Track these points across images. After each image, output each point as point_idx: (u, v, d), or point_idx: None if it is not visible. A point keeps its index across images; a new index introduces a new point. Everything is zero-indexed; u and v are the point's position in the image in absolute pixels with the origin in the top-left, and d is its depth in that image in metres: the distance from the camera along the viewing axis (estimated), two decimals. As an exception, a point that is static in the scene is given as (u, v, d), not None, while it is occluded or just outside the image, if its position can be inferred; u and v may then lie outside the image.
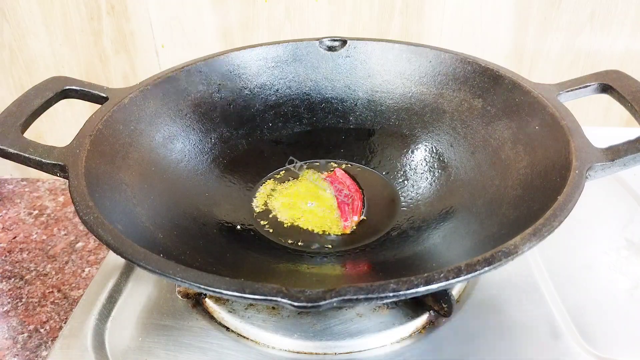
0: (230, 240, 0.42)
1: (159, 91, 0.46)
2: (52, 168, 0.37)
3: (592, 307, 0.40)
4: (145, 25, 0.62)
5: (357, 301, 0.26)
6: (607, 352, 0.36)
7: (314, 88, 0.53)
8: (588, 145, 0.36)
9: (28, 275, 0.54)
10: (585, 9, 0.59)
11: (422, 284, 0.27)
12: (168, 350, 0.37)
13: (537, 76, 0.63)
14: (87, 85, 0.45)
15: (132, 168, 0.41)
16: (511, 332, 0.37)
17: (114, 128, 0.41)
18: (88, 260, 0.56)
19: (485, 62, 0.47)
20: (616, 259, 0.45)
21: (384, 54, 0.51)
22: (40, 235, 0.60)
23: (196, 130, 0.48)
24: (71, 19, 0.62)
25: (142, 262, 0.29)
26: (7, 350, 0.45)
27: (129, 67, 0.65)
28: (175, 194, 0.43)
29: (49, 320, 0.48)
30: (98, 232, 0.31)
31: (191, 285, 0.27)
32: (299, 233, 0.44)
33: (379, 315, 0.38)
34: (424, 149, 0.49)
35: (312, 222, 0.44)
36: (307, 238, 0.43)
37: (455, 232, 0.40)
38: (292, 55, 0.52)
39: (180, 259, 0.35)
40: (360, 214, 0.45)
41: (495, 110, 0.45)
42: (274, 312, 0.39)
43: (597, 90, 0.43)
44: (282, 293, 0.26)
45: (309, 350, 0.37)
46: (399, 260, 0.40)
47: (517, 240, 0.29)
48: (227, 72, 0.51)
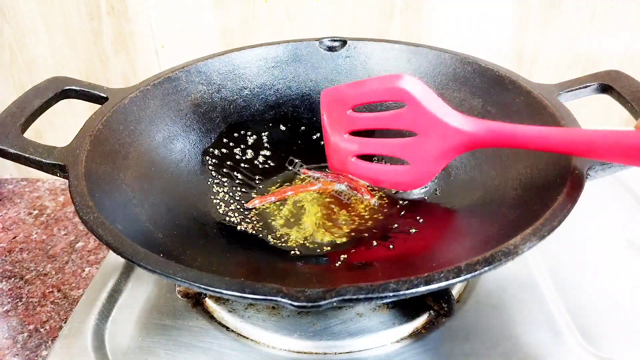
0: (230, 240, 0.42)
1: (159, 91, 0.46)
2: (52, 168, 0.37)
3: (592, 307, 0.40)
4: (145, 25, 0.62)
5: (357, 301, 0.26)
6: (607, 352, 0.36)
7: (314, 88, 0.53)
8: (588, 145, 0.36)
9: (28, 275, 0.54)
10: (585, 9, 0.59)
11: (422, 284, 0.27)
12: (168, 350, 0.37)
13: (537, 76, 0.63)
14: (87, 85, 0.45)
15: (132, 168, 0.41)
16: (511, 332, 0.37)
17: (114, 128, 0.41)
18: (88, 260, 0.56)
19: (485, 62, 0.47)
20: (616, 259, 0.45)
21: (384, 54, 0.51)
22: (40, 235, 0.60)
23: (196, 130, 0.48)
24: (71, 19, 0.62)
25: (142, 262, 0.29)
26: (7, 350, 0.45)
27: (129, 67, 0.65)
28: (175, 194, 0.43)
29: (49, 320, 0.48)
30: (98, 232, 0.31)
31: (191, 285, 0.27)
32: (299, 233, 0.44)
33: (379, 315, 0.38)
34: (424, 149, 0.49)
35: (312, 222, 0.44)
36: (307, 238, 0.43)
37: (455, 232, 0.40)
38: (292, 55, 0.52)
39: (180, 259, 0.35)
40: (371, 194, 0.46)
41: (495, 111, 0.45)
42: (274, 312, 0.39)
43: (597, 90, 0.43)
44: (282, 293, 0.26)
45: (309, 350, 0.37)
46: (399, 260, 0.40)
47: (517, 240, 0.29)
48: (227, 72, 0.51)
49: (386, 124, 0.42)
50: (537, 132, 0.35)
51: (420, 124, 0.40)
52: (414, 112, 0.40)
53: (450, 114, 0.39)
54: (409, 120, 0.40)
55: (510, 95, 0.44)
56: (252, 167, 0.50)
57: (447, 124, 0.38)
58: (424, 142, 0.40)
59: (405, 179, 0.44)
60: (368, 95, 0.42)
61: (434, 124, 0.39)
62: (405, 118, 0.40)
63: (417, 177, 0.43)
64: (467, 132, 0.38)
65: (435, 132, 0.39)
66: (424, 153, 0.41)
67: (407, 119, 0.40)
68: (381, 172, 0.46)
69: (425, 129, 0.40)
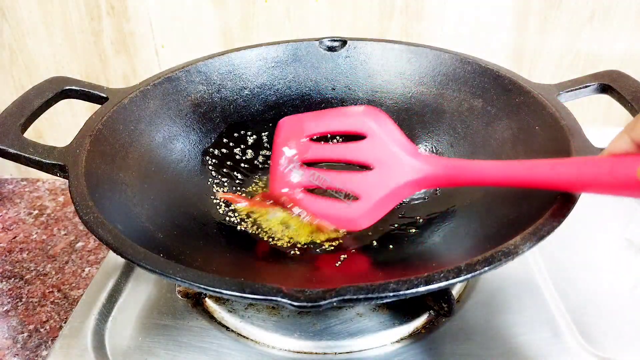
0: (230, 240, 0.42)
1: (159, 91, 0.46)
2: (52, 168, 0.37)
3: (592, 307, 0.40)
4: (145, 25, 0.62)
5: (357, 301, 0.26)
6: (607, 352, 0.36)
7: (314, 88, 0.53)
8: (588, 145, 0.36)
9: (28, 275, 0.54)
10: (585, 9, 0.59)
11: (422, 284, 0.27)
12: (168, 350, 0.37)
13: (537, 76, 0.63)
14: (87, 85, 0.45)
15: (132, 168, 0.41)
16: (511, 332, 0.37)
17: (114, 128, 0.41)
18: (88, 260, 0.56)
19: (485, 62, 0.47)
20: (616, 259, 0.45)
21: (384, 54, 0.51)
22: (40, 235, 0.60)
23: (196, 130, 0.48)
24: (71, 19, 0.62)
25: (142, 262, 0.29)
26: (7, 350, 0.45)
27: (129, 67, 0.65)
28: (175, 194, 0.43)
29: (49, 320, 0.48)
30: (98, 232, 0.31)
31: (191, 285, 0.27)
32: (299, 233, 0.44)
33: (379, 315, 0.38)
34: (424, 149, 0.49)
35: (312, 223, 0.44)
36: (307, 238, 0.43)
37: (455, 232, 0.40)
38: (292, 55, 0.52)
39: (180, 259, 0.35)
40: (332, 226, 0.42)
41: (495, 111, 0.45)
42: (274, 312, 0.39)
43: (597, 91, 0.43)
44: (282, 293, 0.26)
45: (309, 350, 0.37)
46: (399, 260, 0.40)
47: (517, 240, 0.29)
48: (227, 72, 0.51)
49: (343, 154, 0.41)
50: (503, 169, 0.34)
51: (379, 157, 0.39)
52: (373, 145, 0.39)
53: (412, 150, 0.38)
54: (368, 153, 0.39)
55: (510, 95, 0.44)
56: (252, 167, 0.50)
57: (410, 159, 0.38)
58: (380, 177, 0.39)
59: (352, 215, 0.40)
60: (329, 124, 0.41)
61: (394, 158, 0.38)
62: (364, 150, 0.39)
63: (364, 214, 0.40)
64: (426, 168, 0.37)
65: (394, 167, 0.38)
66: (378, 188, 0.39)
67: (366, 152, 0.39)
68: (326, 206, 0.42)
69: (384, 163, 0.39)
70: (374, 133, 0.39)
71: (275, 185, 0.43)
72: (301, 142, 0.42)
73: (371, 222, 0.40)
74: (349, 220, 0.41)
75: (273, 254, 0.41)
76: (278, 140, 0.43)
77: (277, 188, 0.43)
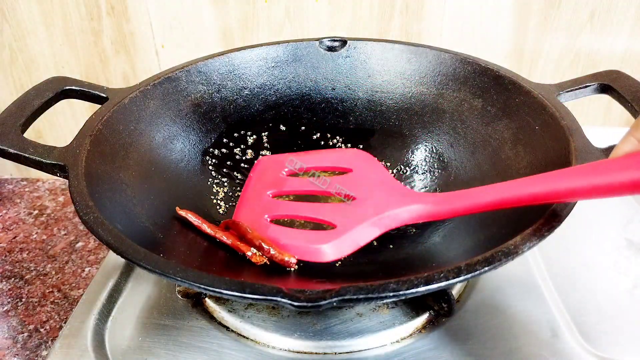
0: (230, 240, 0.42)
1: (159, 91, 0.46)
2: (52, 168, 0.37)
3: (592, 307, 0.40)
4: (145, 25, 0.62)
5: (357, 301, 0.26)
6: (607, 352, 0.36)
7: (314, 88, 0.53)
8: (588, 145, 0.36)
9: (28, 275, 0.54)
10: (585, 9, 0.59)
11: (422, 284, 0.27)
12: (168, 350, 0.37)
13: (537, 76, 0.63)
14: (87, 85, 0.45)
15: (132, 168, 0.41)
16: (511, 332, 0.37)
17: (114, 128, 0.41)
18: (88, 260, 0.56)
19: (485, 62, 0.47)
20: (616, 259, 0.45)
21: (384, 54, 0.51)
22: (40, 235, 0.60)
23: (196, 130, 0.48)
24: (71, 19, 0.62)
25: (142, 262, 0.29)
26: (7, 350, 0.45)
27: (129, 67, 0.65)
28: (176, 194, 0.43)
29: (49, 320, 0.48)
30: (98, 232, 0.31)
31: (191, 285, 0.27)
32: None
33: (379, 315, 0.38)
34: (424, 149, 0.49)
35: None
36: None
37: (455, 232, 0.40)
38: (292, 55, 0.52)
39: (180, 259, 0.35)
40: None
41: (495, 111, 0.45)
42: (274, 312, 0.39)
43: (597, 91, 0.43)
44: (282, 293, 0.26)
45: (309, 350, 0.37)
46: (399, 260, 0.40)
47: (517, 240, 0.29)
48: (227, 72, 0.51)
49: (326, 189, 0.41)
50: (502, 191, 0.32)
51: (363, 186, 0.40)
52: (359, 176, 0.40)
53: (398, 183, 0.40)
54: (350, 185, 0.40)
55: (510, 95, 0.44)
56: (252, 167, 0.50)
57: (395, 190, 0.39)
58: (362, 205, 0.38)
59: (320, 244, 0.38)
60: (309, 161, 0.44)
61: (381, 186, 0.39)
62: (347, 182, 0.41)
63: (339, 243, 0.37)
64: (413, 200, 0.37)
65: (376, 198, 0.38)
66: (357, 215, 0.38)
67: (349, 184, 0.41)
68: (294, 235, 0.39)
69: (369, 192, 0.39)
70: (359, 166, 0.41)
71: (241, 213, 0.43)
72: (279, 175, 0.44)
73: (341, 254, 0.38)
74: (314, 251, 0.38)
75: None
76: (254, 174, 0.46)
77: (242, 216, 0.42)
